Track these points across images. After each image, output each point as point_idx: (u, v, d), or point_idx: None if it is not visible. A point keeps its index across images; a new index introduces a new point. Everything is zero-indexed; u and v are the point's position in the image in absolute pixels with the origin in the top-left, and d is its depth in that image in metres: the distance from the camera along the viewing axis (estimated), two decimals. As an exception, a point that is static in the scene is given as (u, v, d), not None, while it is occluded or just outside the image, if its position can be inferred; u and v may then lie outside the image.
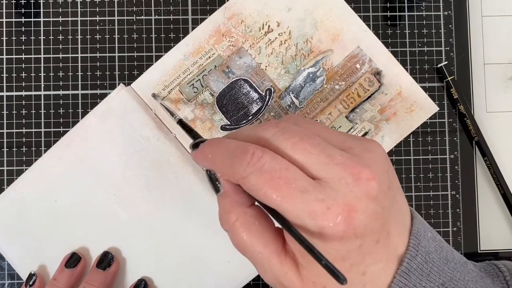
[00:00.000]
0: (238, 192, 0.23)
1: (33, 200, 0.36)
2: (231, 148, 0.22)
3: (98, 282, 0.34)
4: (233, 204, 0.23)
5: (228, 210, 0.23)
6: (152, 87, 0.37)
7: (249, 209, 0.23)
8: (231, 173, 0.22)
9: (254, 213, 0.23)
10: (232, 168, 0.21)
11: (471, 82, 0.41)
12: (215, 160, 0.23)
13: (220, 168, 0.23)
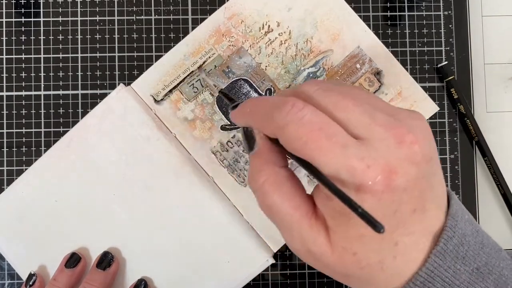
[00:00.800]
0: (273, 151, 0.22)
1: (33, 200, 0.36)
2: (271, 101, 0.22)
3: (98, 282, 0.34)
4: (265, 162, 0.22)
5: (259, 168, 0.22)
6: (152, 87, 0.37)
7: (281, 169, 0.22)
8: (269, 125, 0.21)
9: (286, 174, 0.22)
10: (271, 119, 0.21)
11: (471, 82, 0.41)
12: (254, 113, 0.22)
13: (258, 120, 0.22)
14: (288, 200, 0.22)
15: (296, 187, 0.22)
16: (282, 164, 0.23)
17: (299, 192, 0.22)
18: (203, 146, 0.37)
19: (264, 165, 0.22)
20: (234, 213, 0.37)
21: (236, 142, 0.37)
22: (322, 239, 0.21)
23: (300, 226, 0.21)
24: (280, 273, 0.39)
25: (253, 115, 0.23)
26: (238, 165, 0.37)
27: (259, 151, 0.23)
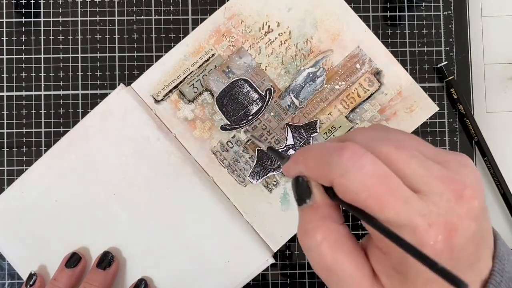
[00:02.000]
0: (331, 206, 0.21)
1: (33, 200, 0.37)
2: (326, 147, 0.21)
3: (98, 282, 0.34)
4: (323, 218, 0.21)
5: (316, 224, 0.21)
6: (152, 87, 0.37)
7: (341, 226, 0.21)
8: (325, 172, 0.20)
9: (346, 232, 0.21)
10: (328, 165, 0.20)
11: (471, 82, 0.41)
12: (308, 161, 0.21)
13: (313, 168, 0.21)
14: (349, 261, 0.20)
15: (355, 246, 0.21)
16: (341, 221, 0.21)
17: (359, 252, 0.21)
18: (203, 146, 0.37)
19: (322, 221, 0.21)
20: (234, 213, 0.37)
21: (236, 142, 0.38)
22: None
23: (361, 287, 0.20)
24: (280, 273, 0.39)
25: (307, 162, 0.21)
26: (238, 165, 0.37)
27: (315, 205, 0.21)
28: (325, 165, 0.20)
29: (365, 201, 0.19)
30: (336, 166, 0.20)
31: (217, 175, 0.37)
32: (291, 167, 0.23)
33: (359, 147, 0.20)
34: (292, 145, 0.38)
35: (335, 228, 0.21)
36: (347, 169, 0.19)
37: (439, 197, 0.19)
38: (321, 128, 0.38)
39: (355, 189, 0.19)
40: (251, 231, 0.37)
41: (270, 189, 0.37)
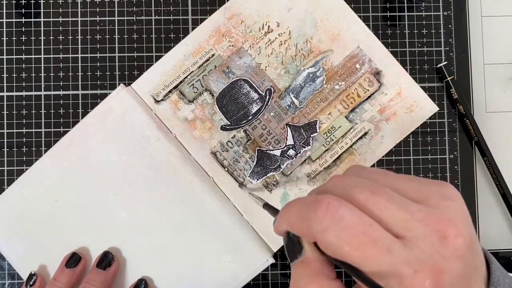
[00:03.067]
0: (323, 261, 0.21)
1: (34, 200, 0.37)
2: (305, 202, 0.21)
3: (98, 282, 0.34)
4: (315, 273, 0.21)
5: (308, 281, 0.20)
6: (152, 87, 0.37)
7: (333, 282, 0.21)
8: (306, 228, 0.20)
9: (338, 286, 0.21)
10: (308, 221, 0.20)
11: (471, 82, 0.41)
12: (290, 218, 0.21)
13: (295, 224, 0.21)
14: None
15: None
16: (333, 276, 0.21)
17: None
18: (203, 146, 0.37)
19: (314, 277, 0.20)
20: (234, 213, 0.37)
21: (236, 142, 0.38)
22: None
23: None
24: (280, 273, 0.39)
25: (289, 219, 0.21)
26: (238, 165, 0.37)
27: (306, 260, 0.21)
28: (305, 222, 0.20)
29: (348, 254, 0.19)
30: (314, 222, 0.19)
31: (217, 175, 0.37)
32: (279, 224, 0.22)
33: (334, 199, 0.20)
34: (292, 145, 0.38)
35: (327, 284, 0.20)
36: (326, 224, 0.19)
37: (423, 240, 0.19)
38: (321, 128, 0.38)
39: (337, 244, 0.19)
40: (251, 231, 0.37)
41: (270, 189, 0.37)
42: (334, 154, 0.38)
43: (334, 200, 0.20)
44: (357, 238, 0.19)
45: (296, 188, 0.37)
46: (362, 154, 0.38)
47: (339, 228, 0.19)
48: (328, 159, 0.38)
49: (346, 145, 0.38)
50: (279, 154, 0.38)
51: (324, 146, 0.38)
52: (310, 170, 0.38)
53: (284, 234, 0.22)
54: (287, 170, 0.38)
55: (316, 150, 0.38)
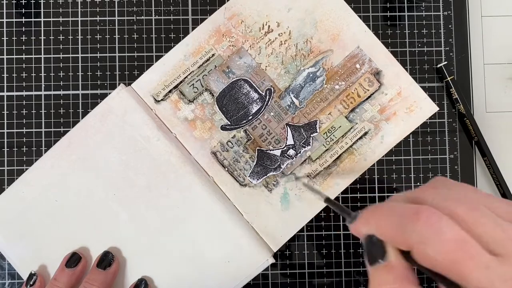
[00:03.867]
0: (406, 267, 0.21)
1: (34, 200, 0.37)
2: (400, 211, 0.21)
3: (98, 282, 0.34)
4: (400, 279, 0.21)
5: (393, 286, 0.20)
6: (153, 87, 0.37)
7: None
8: (403, 238, 0.20)
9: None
10: (405, 232, 0.20)
11: (471, 82, 0.41)
12: (381, 225, 0.21)
13: (389, 232, 0.21)
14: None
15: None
16: (417, 282, 0.21)
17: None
18: (203, 146, 0.37)
19: (399, 282, 0.21)
20: (234, 213, 0.37)
21: (236, 142, 0.38)
22: None
23: None
24: (280, 273, 0.39)
25: (380, 226, 0.22)
26: (238, 165, 0.37)
27: (390, 265, 0.21)
28: (401, 231, 0.20)
29: (445, 267, 0.19)
30: (413, 233, 0.20)
31: (217, 175, 0.37)
32: (361, 227, 0.23)
33: (435, 212, 0.20)
34: (292, 145, 0.38)
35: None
36: (426, 236, 0.19)
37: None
38: (321, 128, 0.38)
39: (435, 256, 0.19)
40: (251, 231, 0.37)
41: (270, 189, 0.37)
42: (334, 154, 0.38)
43: (434, 213, 0.20)
44: (456, 252, 0.19)
45: (296, 188, 0.37)
46: (362, 154, 0.38)
47: (439, 241, 0.19)
48: (328, 159, 0.38)
49: (346, 145, 0.38)
50: (279, 154, 0.38)
51: (324, 146, 0.38)
52: (310, 170, 0.38)
53: (366, 237, 0.22)
54: (287, 170, 0.38)
55: (316, 150, 0.38)
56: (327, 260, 0.39)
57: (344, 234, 0.40)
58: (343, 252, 0.39)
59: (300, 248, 0.39)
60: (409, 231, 0.20)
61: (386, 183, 0.40)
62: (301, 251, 0.39)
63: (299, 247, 0.39)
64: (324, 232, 0.40)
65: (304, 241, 0.39)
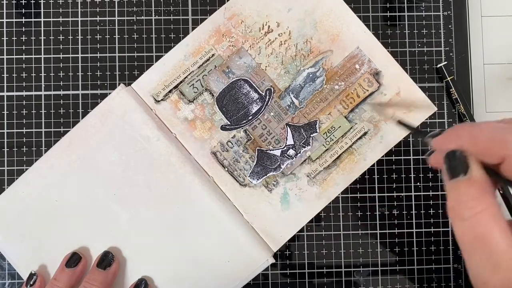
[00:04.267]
0: (488, 181, 0.22)
1: (34, 200, 0.37)
2: (497, 125, 0.22)
3: (98, 282, 0.34)
4: (483, 192, 0.21)
5: (475, 196, 0.21)
6: (153, 87, 0.37)
7: (496, 201, 0.22)
8: (499, 149, 0.21)
9: (499, 208, 0.21)
10: (503, 143, 0.21)
11: (471, 82, 0.41)
12: (477, 137, 0.22)
13: (483, 143, 0.22)
14: (503, 236, 0.21)
15: (508, 224, 0.21)
16: (495, 197, 0.22)
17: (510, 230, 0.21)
18: (203, 146, 0.37)
19: (483, 195, 0.21)
20: (234, 213, 0.37)
21: (236, 142, 0.38)
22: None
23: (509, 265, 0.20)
24: (280, 273, 0.39)
25: (475, 138, 0.22)
26: (238, 165, 0.37)
27: (473, 180, 0.22)
28: (497, 143, 0.21)
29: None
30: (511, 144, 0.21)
31: (217, 175, 0.37)
32: (450, 140, 0.23)
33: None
34: (292, 145, 0.38)
35: (494, 202, 0.21)
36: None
37: None
38: (320, 128, 0.38)
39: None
40: (251, 231, 0.37)
41: (270, 189, 0.37)
42: (334, 154, 0.38)
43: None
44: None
45: (296, 188, 0.37)
46: (361, 154, 0.38)
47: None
48: (328, 159, 0.38)
49: (346, 145, 0.38)
50: (279, 154, 0.38)
51: (324, 146, 0.38)
52: (310, 170, 0.38)
53: (449, 151, 0.23)
54: (287, 170, 0.38)
55: (316, 150, 0.38)
56: (327, 260, 0.39)
57: (344, 234, 0.40)
58: (344, 252, 0.39)
59: (300, 248, 0.39)
60: (507, 142, 0.21)
61: (386, 183, 0.40)
62: (301, 251, 0.39)
63: (299, 247, 0.39)
64: (324, 232, 0.40)
65: (304, 241, 0.39)
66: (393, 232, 0.40)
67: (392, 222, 0.40)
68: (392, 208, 0.40)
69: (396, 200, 0.40)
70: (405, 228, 0.40)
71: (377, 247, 0.40)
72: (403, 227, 0.40)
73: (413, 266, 0.40)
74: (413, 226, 0.40)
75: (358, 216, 0.40)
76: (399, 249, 0.40)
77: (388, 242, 0.40)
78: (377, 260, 0.39)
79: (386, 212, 0.40)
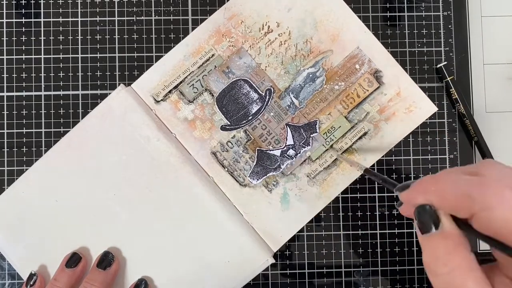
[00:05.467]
0: (461, 234, 0.22)
1: (34, 200, 0.37)
2: (463, 178, 0.22)
3: (98, 282, 0.34)
4: (457, 245, 0.21)
5: (448, 251, 0.21)
6: (152, 87, 0.37)
7: (472, 254, 0.21)
8: (466, 206, 0.21)
9: (475, 261, 0.21)
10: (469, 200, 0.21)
11: (471, 82, 0.41)
12: (443, 193, 0.22)
13: (450, 200, 0.22)
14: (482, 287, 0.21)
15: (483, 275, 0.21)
16: (471, 249, 0.22)
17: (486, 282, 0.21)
18: (203, 146, 0.37)
19: (457, 249, 0.21)
20: (234, 213, 0.37)
21: (236, 142, 0.38)
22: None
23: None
24: (280, 273, 0.39)
25: (441, 194, 0.22)
26: (238, 165, 0.37)
27: (445, 234, 0.22)
28: (465, 198, 0.21)
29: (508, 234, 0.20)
30: (479, 200, 0.20)
31: (217, 175, 0.37)
32: (417, 196, 0.23)
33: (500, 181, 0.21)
34: (292, 145, 0.38)
35: (468, 256, 0.21)
36: (492, 205, 0.20)
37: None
38: (320, 128, 0.38)
39: (499, 224, 0.20)
40: (251, 231, 0.37)
41: (270, 189, 0.37)
42: (334, 154, 0.38)
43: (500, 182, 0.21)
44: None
45: (296, 188, 0.37)
46: (361, 154, 0.38)
47: (506, 210, 0.20)
48: (328, 159, 0.38)
49: (346, 145, 0.38)
50: (279, 154, 0.38)
51: (324, 146, 0.38)
52: (310, 170, 0.38)
53: (419, 206, 0.23)
54: (287, 170, 0.38)
55: (316, 150, 0.38)
56: (327, 260, 0.39)
57: (344, 234, 0.40)
58: (344, 252, 0.39)
59: (300, 248, 0.39)
60: (475, 199, 0.20)
61: (386, 183, 0.40)
62: (301, 251, 0.39)
63: (299, 247, 0.39)
64: (324, 232, 0.40)
65: (304, 241, 0.39)
66: (393, 232, 0.40)
67: (392, 222, 0.40)
68: (392, 208, 0.40)
69: (396, 200, 0.40)
70: (405, 228, 0.40)
71: (377, 247, 0.40)
72: (403, 227, 0.40)
73: (413, 266, 0.40)
74: (413, 226, 0.40)
75: (358, 216, 0.40)
76: (399, 249, 0.40)
77: (388, 242, 0.40)
78: (377, 260, 0.40)
79: (386, 212, 0.40)
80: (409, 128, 0.38)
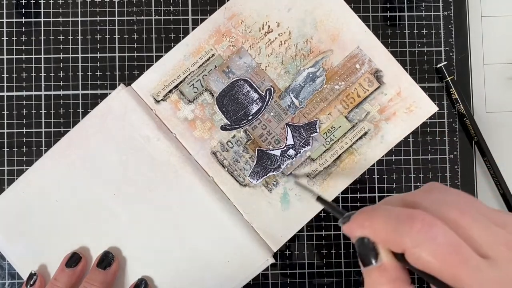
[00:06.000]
0: (399, 267, 0.22)
1: (34, 200, 0.37)
2: (393, 213, 0.21)
3: (98, 282, 0.34)
4: (394, 280, 0.21)
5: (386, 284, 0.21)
6: (153, 87, 0.37)
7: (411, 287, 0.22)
8: (396, 241, 0.21)
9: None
10: (398, 235, 0.21)
11: (471, 82, 0.41)
12: (375, 227, 0.22)
13: (382, 235, 0.22)
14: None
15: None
16: (409, 281, 0.22)
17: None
18: (203, 146, 0.37)
19: (393, 283, 0.21)
20: (234, 213, 0.37)
21: (236, 142, 0.38)
22: None
23: None
24: (280, 273, 0.39)
25: (374, 228, 0.22)
26: (238, 165, 0.37)
27: (383, 267, 0.22)
28: (395, 234, 0.21)
29: (439, 270, 0.20)
30: (407, 237, 0.20)
31: (217, 175, 0.37)
32: (355, 229, 0.23)
33: (428, 216, 0.20)
34: (292, 145, 0.38)
35: None
36: (420, 240, 0.20)
37: (507, 263, 0.20)
38: (321, 128, 0.38)
39: (428, 259, 0.20)
40: (251, 231, 0.37)
41: (270, 189, 0.37)
42: (334, 154, 0.38)
43: (428, 217, 0.20)
44: (449, 256, 0.20)
45: (296, 188, 0.37)
46: (362, 154, 0.38)
47: (433, 245, 0.20)
48: (328, 159, 0.38)
49: (346, 145, 0.38)
50: (279, 154, 0.38)
51: (324, 146, 0.38)
52: (310, 170, 0.38)
53: (358, 239, 0.23)
54: (287, 170, 0.38)
55: (316, 150, 0.38)
56: (327, 260, 0.39)
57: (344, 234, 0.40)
58: (343, 252, 0.39)
59: (300, 248, 0.39)
60: (403, 235, 0.20)
61: (386, 183, 0.40)
62: (301, 251, 0.39)
63: (299, 247, 0.39)
64: (324, 232, 0.40)
65: (304, 241, 0.39)
66: (393, 232, 0.40)
67: (392, 222, 0.40)
68: (392, 208, 0.40)
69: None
70: (405, 228, 0.40)
71: (377, 247, 0.40)
72: (403, 227, 0.40)
73: (413, 266, 0.40)
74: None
75: (358, 216, 0.40)
76: (399, 249, 0.40)
77: (388, 242, 0.40)
78: (377, 260, 0.39)
79: (386, 212, 0.40)
80: (409, 128, 0.38)
